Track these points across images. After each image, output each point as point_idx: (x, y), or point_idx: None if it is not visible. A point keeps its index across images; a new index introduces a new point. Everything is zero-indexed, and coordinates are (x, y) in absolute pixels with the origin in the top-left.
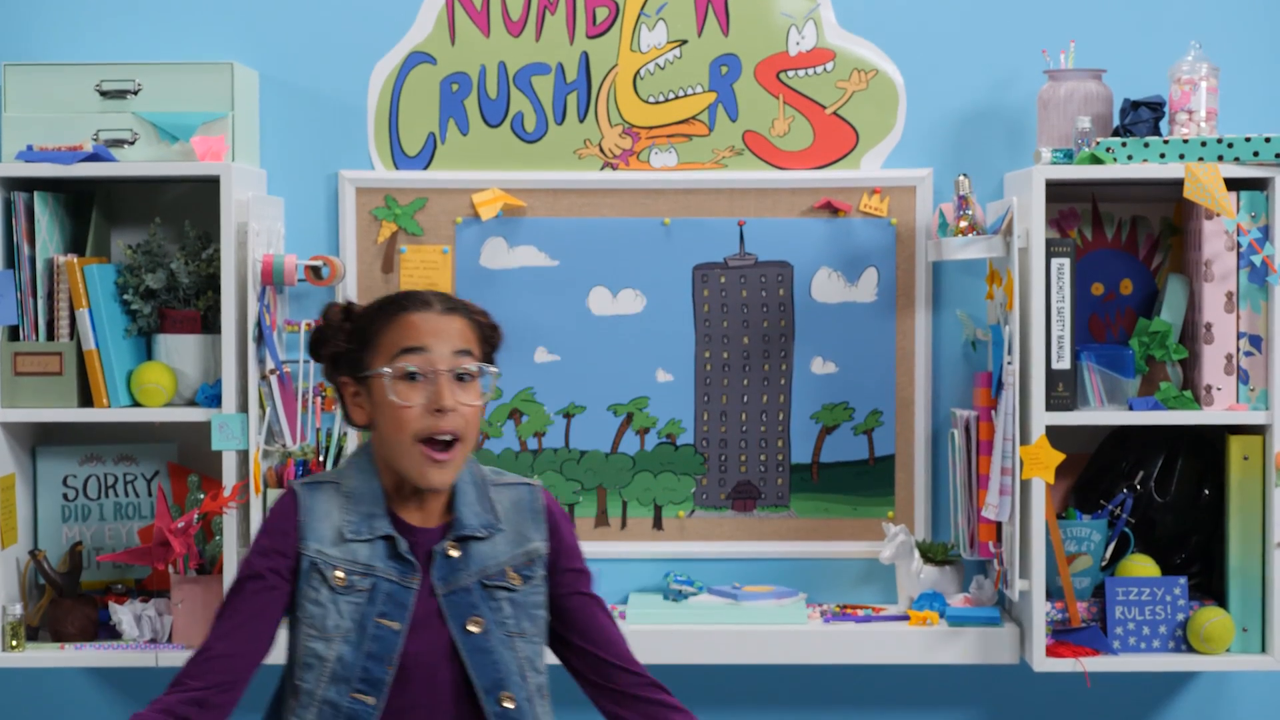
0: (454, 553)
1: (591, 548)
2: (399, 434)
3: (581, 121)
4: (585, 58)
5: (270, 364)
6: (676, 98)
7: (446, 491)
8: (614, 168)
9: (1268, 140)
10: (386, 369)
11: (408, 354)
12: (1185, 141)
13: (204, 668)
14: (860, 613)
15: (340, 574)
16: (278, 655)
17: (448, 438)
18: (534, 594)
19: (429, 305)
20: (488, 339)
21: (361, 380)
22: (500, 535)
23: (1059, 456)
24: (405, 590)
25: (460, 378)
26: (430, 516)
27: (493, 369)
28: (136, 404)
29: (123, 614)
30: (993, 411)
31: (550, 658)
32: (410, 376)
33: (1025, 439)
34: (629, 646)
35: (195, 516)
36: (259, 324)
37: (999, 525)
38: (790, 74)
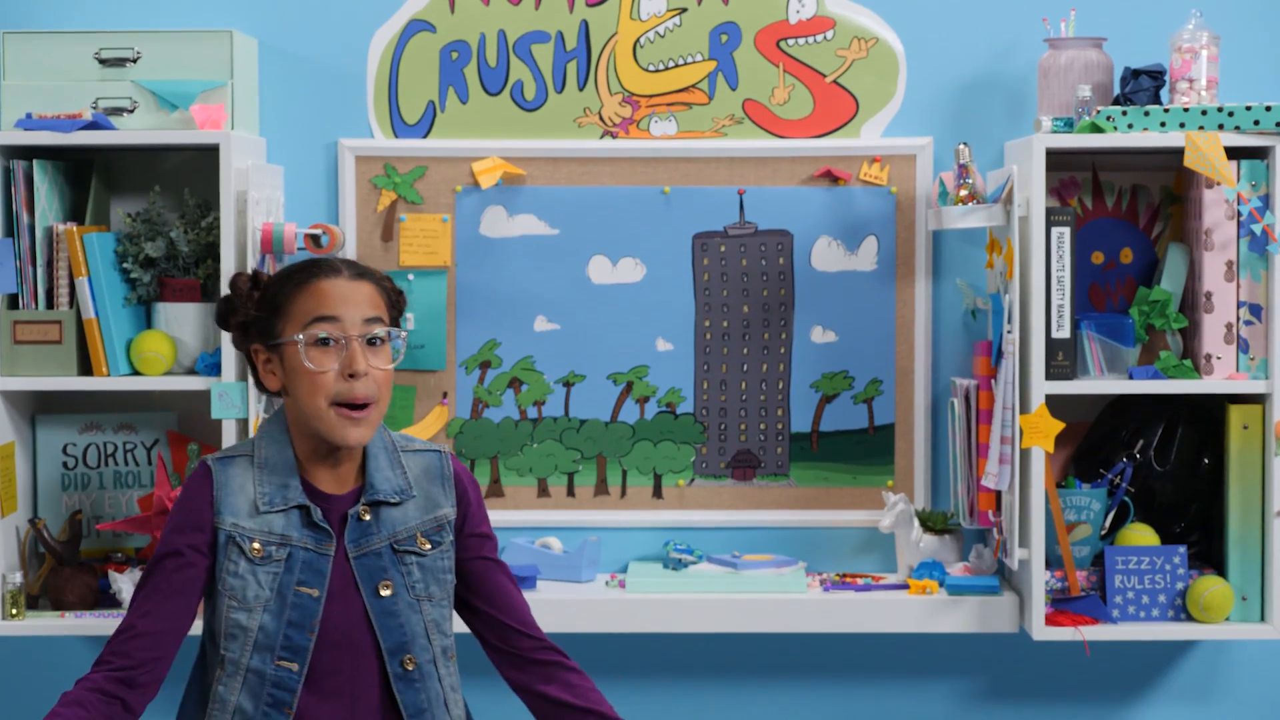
0: (366, 517)
1: (591, 516)
2: (314, 399)
3: (581, 90)
4: (585, 26)
5: None
6: (676, 66)
7: (359, 457)
8: (614, 136)
9: (1268, 109)
10: (299, 336)
11: (320, 321)
12: (1186, 110)
13: (129, 645)
14: (859, 581)
15: (257, 545)
16: (197, 626)
17: (362, 401)
18: (442, 558)
19: (338, 272)
20: (394, 304)
21: (273, 348)
22: (411, 501)
23: (1059, 425)
24: (322, 557)
25: (371, 342)
26: (343, 483)
27: (401, 333)
28: (136, 372)
29: (122, 582)
30: (992, 380)
31: (459, 625)
32: (323, 342)
33: (1025, 408)
34: (531, 613)
35: None
36: None
37: (998, 494)
38: (790, 42)
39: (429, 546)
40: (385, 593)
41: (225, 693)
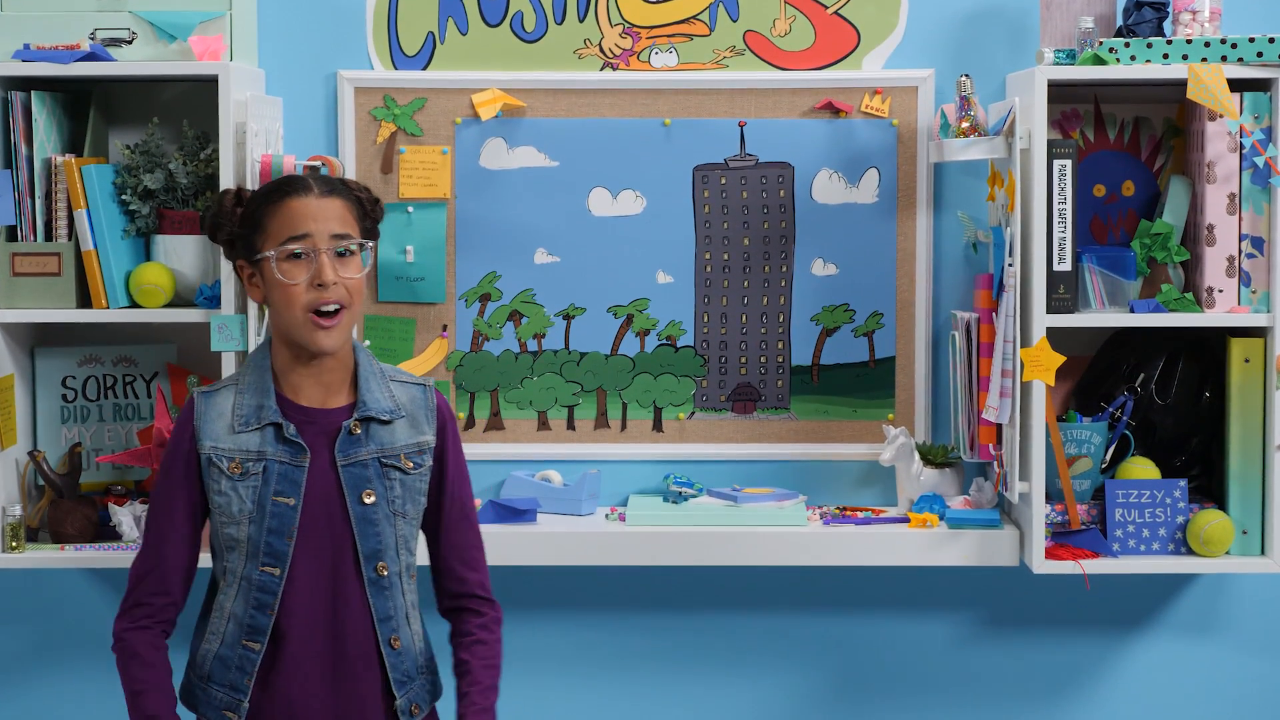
0: (357, 431)
1: (591, 449)
2: (289, 309)
3: (581, 21)
4: None
5: None
6: None
7: (347, 373)
8: (614, 68)
9: (1271, 41)
10: (272, 252)
11: (292, 240)
12: (1189, 42)
13: (153, 592)
14: (860, 515)
15: (234, 463)
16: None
17: (332, 307)
18: (420, 480)
19: (309, 189)
20: (369, 214)
21: (255, 263)
22: (400, 422)
23: (1059, 359)
24: (296, 469)
25: (340, 254)
26: (331, 397)
27: (369, 243)
28: (135, 305)
29: (122, 515)
30: (993, 313)
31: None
32: (294, 257)
33: (1026, 341)
34: (474, 563)
35: None
36: None
37: (999, 427)
38: None
39: (411, 466)
40: (369, 500)
41: (224, 600)
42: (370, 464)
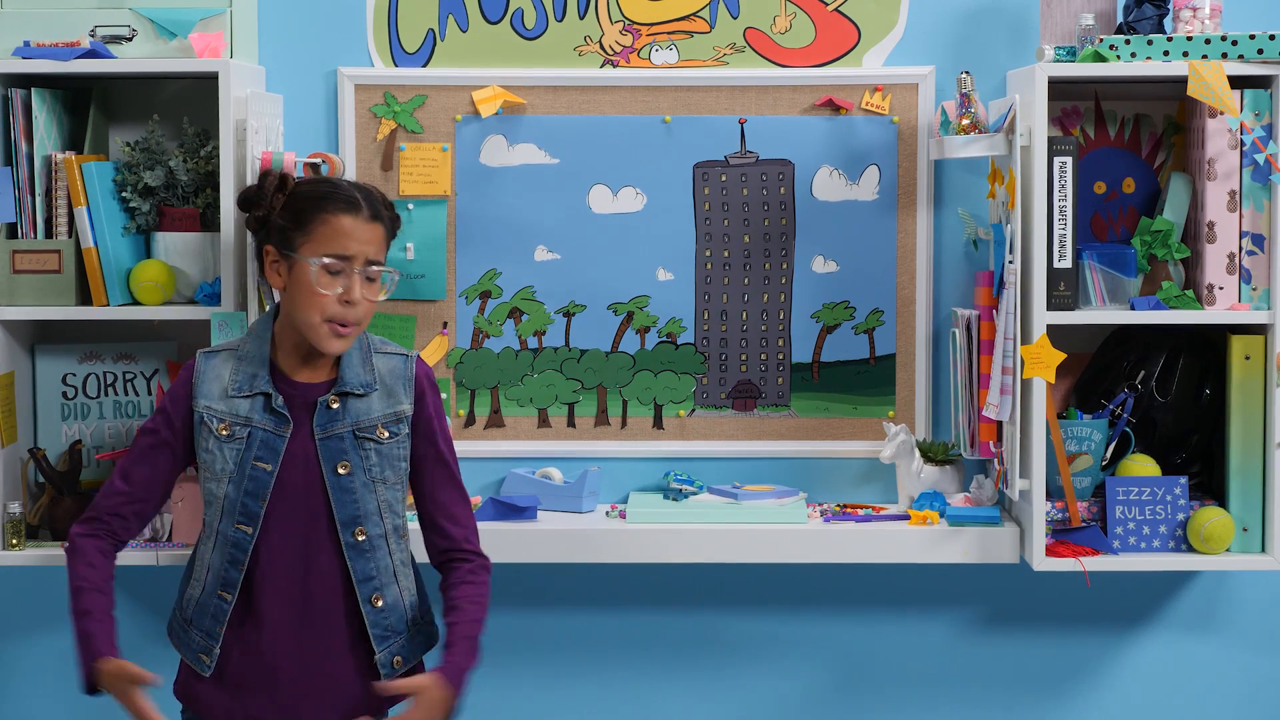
0: (334, 405)
1: (591, 447)
2: (311, 313)
3: (582, 18)
4: None
5: None
6: None
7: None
8: (614, 65)
9: (1272, 38)
10: (313, 260)
11: (335, 258)
12: (1189, 39)
13: (112, 503)
14: (860, 512)
15: (224, 425)
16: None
17: (351, 324)
18: (398, 447)
19: (359, 210)
20: (392, 234)
21: (285, 255)
22: (376, 394)
23: (1060, 356)
24: (278, 438)
25: (369, 279)
26: (317, 374)
27: (395, 272)
28: (135, 302)
29: None
30: (994, 310)
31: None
32: (332, 272)
33: (1026, 338)
34: (460, 518)
35: None
36: None
37: (1000, 425)
38: None
39: (387, 436)
40: (343, 471)
41: (204, 551)
42: (346, 436)
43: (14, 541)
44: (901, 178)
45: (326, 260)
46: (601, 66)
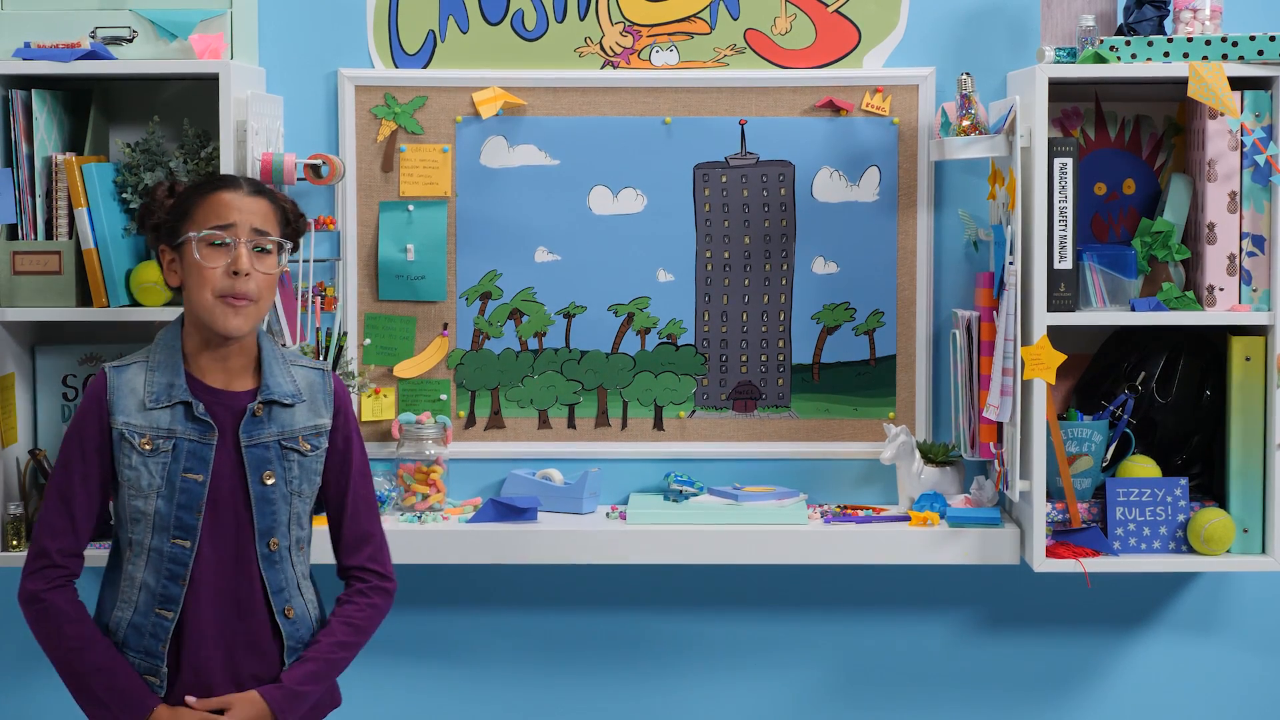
0: (260, 412)
1: (592, 448)
2: (202, 291)
3: (582, 19)
4: None
5: None
6: None
7: (251, 358)
8: (615, 66)
9: (1272, 39)
10: (194, 234)
11: (216, 228)
12: (1190, 40)
13: (63, 550)
14: (861, 513)
15: (146, 439)
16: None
17: (244, 302)
18: (316, 461)
19: (238, 187)
20: (290, 222)
21: (176, 247)
22: (301, 405)
23: (1060, 357)
24: (205, 446)
25: (259, 251)
26: (236, 380)
27: (288, 245)
28: (135, 303)
29: None
30: (994, 312)
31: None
32: (216, 244)
33: (1027, 339)
34: (372, 529)
35: None
36: None
37: (1000, 426)
38: None
39: (309, 448)
40: (269, 481)
41: (133, 570)
42: (271, 445)
43: (14, 542)
44: (902, 179)
45: (206, 231)
46: (602, 68)
